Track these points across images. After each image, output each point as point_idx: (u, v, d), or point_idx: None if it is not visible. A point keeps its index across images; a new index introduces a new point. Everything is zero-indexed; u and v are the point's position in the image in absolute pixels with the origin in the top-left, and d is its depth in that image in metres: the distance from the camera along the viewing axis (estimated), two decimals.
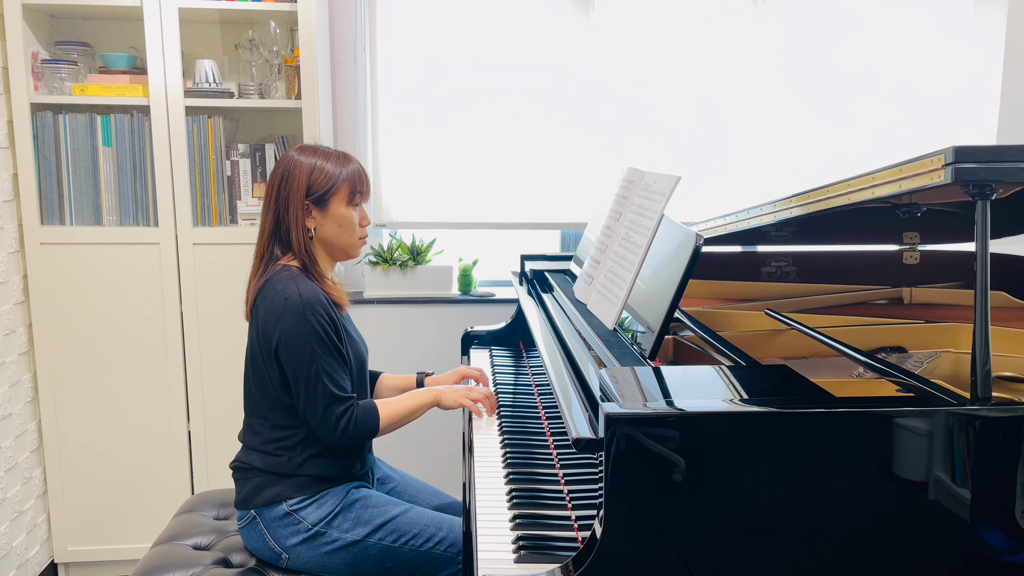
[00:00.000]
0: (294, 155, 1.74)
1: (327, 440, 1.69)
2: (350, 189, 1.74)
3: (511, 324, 2.49)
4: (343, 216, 1.75)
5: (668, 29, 2.92)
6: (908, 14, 2.94)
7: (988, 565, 1.14)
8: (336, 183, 1.72)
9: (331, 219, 1.74)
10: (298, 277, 1.69)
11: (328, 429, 1.66)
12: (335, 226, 1.75)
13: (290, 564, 1.70)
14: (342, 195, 1.74)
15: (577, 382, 1.43)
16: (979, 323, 1.13)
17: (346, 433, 1.67)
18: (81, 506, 2.69)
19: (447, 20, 2.87)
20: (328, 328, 1.67)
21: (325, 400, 1.65)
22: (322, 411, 1.65)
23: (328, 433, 1.67)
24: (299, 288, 1.66)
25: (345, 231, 1.76)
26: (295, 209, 1.71)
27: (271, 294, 1.67)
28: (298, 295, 1.64)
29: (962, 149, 1.08)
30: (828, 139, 3.01)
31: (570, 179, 2.98)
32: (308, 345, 1.64)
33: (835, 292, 2.06)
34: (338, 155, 1.76)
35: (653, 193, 1.69)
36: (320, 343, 1.65)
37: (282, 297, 1.65)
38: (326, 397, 1.65)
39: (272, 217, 1.73)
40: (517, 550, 1.29)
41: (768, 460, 1.10)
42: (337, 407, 1.66)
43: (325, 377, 1.65)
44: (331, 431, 1.66)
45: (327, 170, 1.72)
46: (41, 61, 2.54)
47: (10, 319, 2.49)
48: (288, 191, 1.71)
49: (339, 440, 1.68)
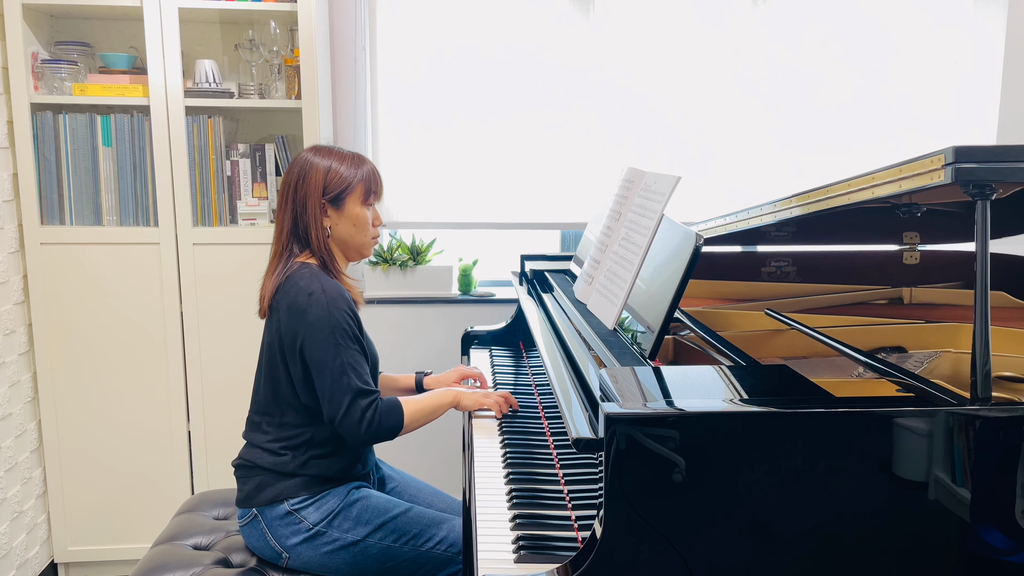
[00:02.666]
0: (309, 156, 1.76)
1: (351, 435, 1.66)
2: (365, 189, 1.77)
3: (511, 324, 2.49)
4: (358, 216, 1.77)
5: (668, 29, 2.92)
6: (908, 14, 2.95)
7: (988, 565, 1.14)
8: (352, 183, 1.75)
9: (346, 218, 1.76)
10: (319, 274, 1.71)
11: (353, 423, 1.65)
12: (350, 225, 1.77)
13: (290, 563, 1.71)
14: (357, 195, 1.76)
15: (577, 382, 1.43)
16: (979, 323, 1.13)
17: (371, 427, 1.66)
18: (81, 506, 2.69)
19: (447, 20, 2.87)
20: (352, 322, 1.68)
21: (351, 393, 1.65)
22: (348, 404, 1.64)
23: (353, 427, 1.65)
24: (323, 284, 1.68)
25: (360, 230, 1.78)
26: (313, 208, 1.73)
27: (293, 290, 1.68)
28: (322, 290, 1.67)
29: (962, 149, 1.08)
30: (828, 139, 3.01)
31: (570, 179, 2.98)
32: (333, 338, 1.65)
33: (835, 292, 2.06)
34: (352, 156, 1.78)
35: (653, 193, 1.69)
36: (344, 337, 1.66)
37: (306, 293, 1.66)
38: (352, 390, 1.65)
39: (290, 216, 1.75)
40: (517, 550, 1.29)
41: (768, 460, 1.10)
42: (363, 400, 1.66)
43: (350, 370, 1.65)
44: (356, 424, 1.65)
45: (342, 171, 1.75)
46: (41, 61, 2.54)
47: (10, 319, 2.49)
48: (305, 190, 1.73)
49: (364, 434, 1.66)
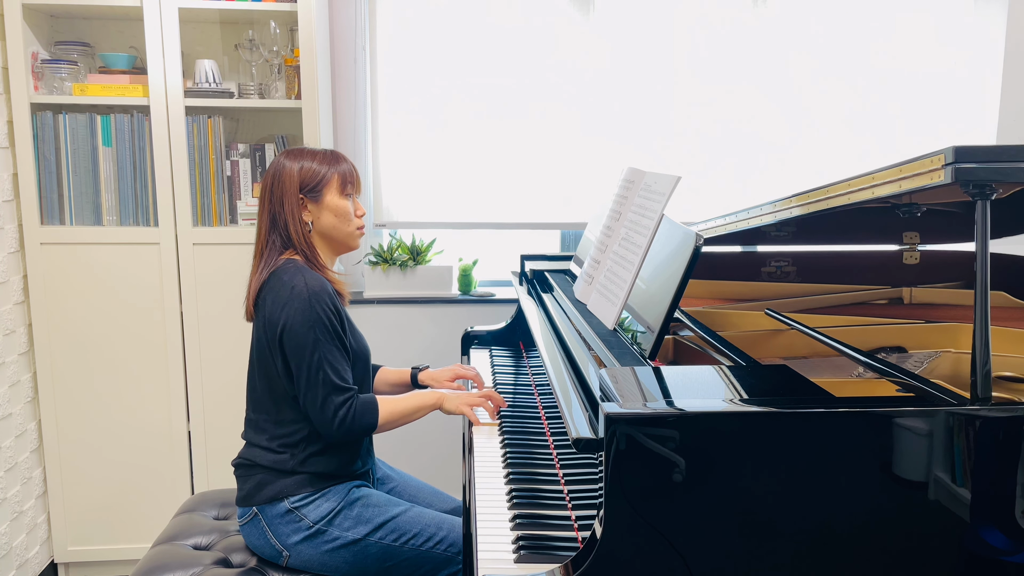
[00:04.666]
0: (281, 159, 1.78)
1: (324, 431, 1.68)
2: (341, 180, 1.78)
3: (511, 324, 2.49)
4: (338, 206, 1.78)
5: (668, 29, 2.92)
6: (908, 14, 2.95)
7: (988, 565, 1.14)
8: (326, 175, 1.76)
9: (327, 210, 1.77)
10: (303, 268, 1.71)
11: (326, 419, 1.66)
12: (332, 216, 1.78)
13: (291, 562, 1.71)
14: (334, 185, 1.77)
15: (577, 382, 1.43)
16: (979, 323, 1.13)
17: (343, 424, 1.67)
18: (81, 506, 2.69)
19: (447, 20, 2.87)
20: (332, 318, 1.68)
21: (325, 389, 1.66)
22: (321, 400, 1.66)
23: (326, 423, 1.67)
24: (305, 278, 1.68)
25: (342, 221, 1.79)
26: (290, 204, 1.74)
27: (277, 285, 1.69)
28: (304, 284, 1.67)
29: (962, 149, 1.08)
30: (828, 139, 3.01)
31: (570, 179, 2.98)
32: (312, 333, 1.65)
33: (835, 292, 2.06)
34: (325, 152, 1.80)
35: (653, 193, 1.69)
36: (324, 332, 1.66)
37: (288, 286, 1.67)
38: (326, 386, 1.66)
39: (268, 216, 1.76)
40: (517, 550, 1.29)
41: (768, 460, 1.10)
42: (337, 397, 1.67)
43: (327, 366, 1.66)
44: (329, 421, 1.66)
45: (315, 166, 1.77)
46: (41, 61, 2.53)
47: (10, 319, 2.49)
48: (281, 189, 1.75)
49: (336, 431, 1.67)
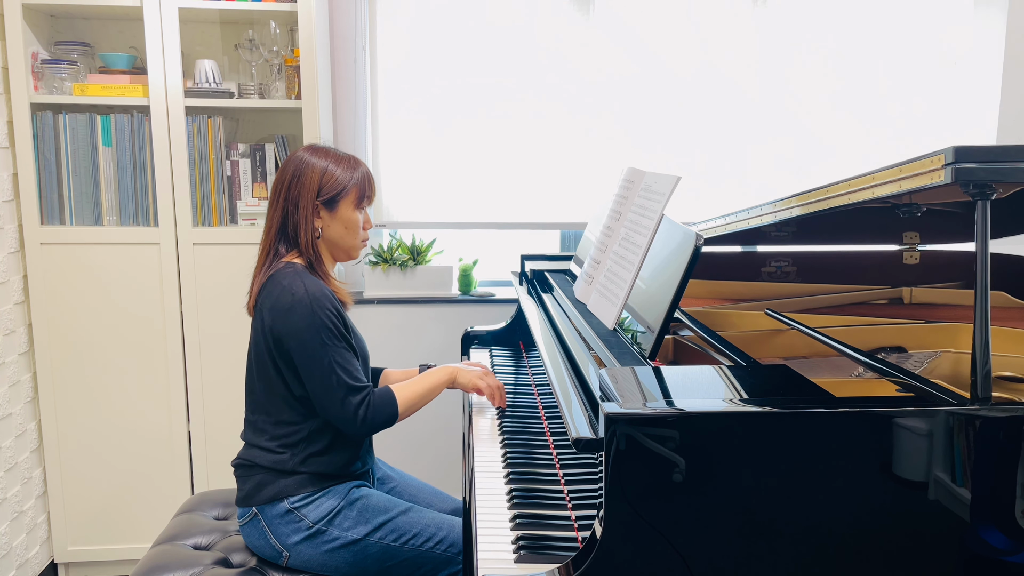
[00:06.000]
0: (305, 156, 1.76)
1: (349, 430, 1.69)
2: (359, 193, 1.78)
3: (511, 324, 2.49)
4: (350, 219, 1.78)
5: (668, 29, 2.92)
6: (908, 14, 2.95)
7: (988, 565, 1.14)
8: (347, 187, 1.76)
9: (338, 221, 1.77)
10: (303, 273, 1.71)
11: (348, 419, 1.67)
12: (341, 228, 1.78)
13: (291, 562, 1.71)
14: (351, 198, 1.77)
15: (577, 382, 1.43)
16: (979, 323, 1.13)
17: (366, 421, 1.68)
18: (81, 506, 2.69)
19: (447, 20, 2.87)
20: (336, 320, 1.69)
21: (341, 391, 1.66)
22: (340, 402, 1.66)
23: (349, 423, 1.68)
24: (305, 284, 1.68)
25: (350, 233, 1.79)
26: (305, 208, 1.73)
27: (276, 290, 1.68)
28: (304, 290, 1.67)
29: (962, 149, 1.08)
30: (828, 139, 3.01)
31: (570, 179, 2.98)
32: (318, 338, 1.65)
33: (835, 292, 2.06)
34: (348, 159, 1.79)
35: (653, 193, 1.69)
36: (330, 335, 1.66)
37: (289, 293, 1.67)
38: (342, 388, 1.66)
39: (280, 214, 1.75)
40: (517, 550, 1.29)
41: (768, 460, 1.10)
42: (354, 396, 1.67)
43: (339, 368, 1.66)
44: (351, 421, 1.67)
45: (338, 173, 1.75)
46: (41, 61, 2.53)
47: (10, 319, 2.49)
48: (299, 190, 1.73)
49: (360, 428, 1.68)
